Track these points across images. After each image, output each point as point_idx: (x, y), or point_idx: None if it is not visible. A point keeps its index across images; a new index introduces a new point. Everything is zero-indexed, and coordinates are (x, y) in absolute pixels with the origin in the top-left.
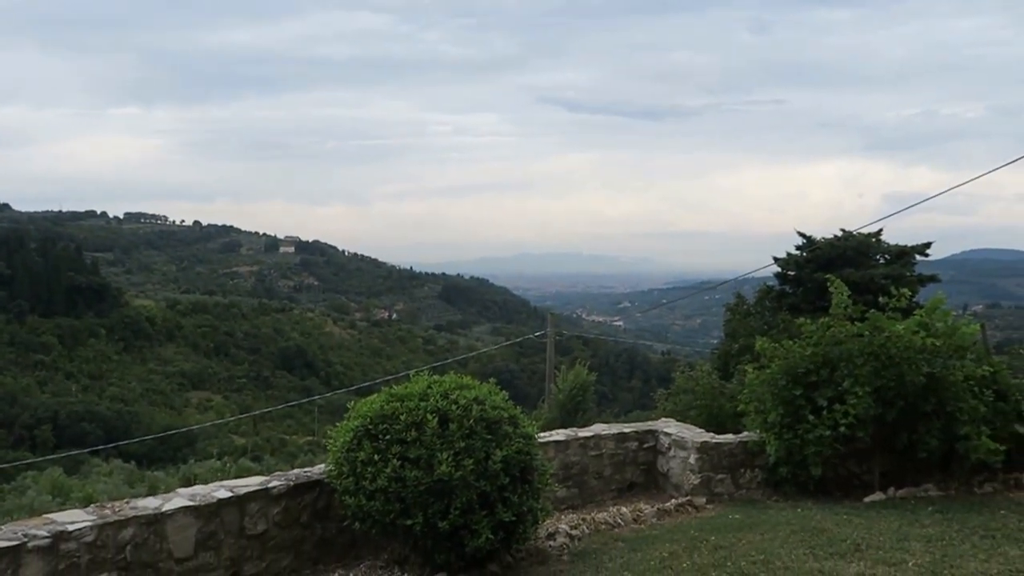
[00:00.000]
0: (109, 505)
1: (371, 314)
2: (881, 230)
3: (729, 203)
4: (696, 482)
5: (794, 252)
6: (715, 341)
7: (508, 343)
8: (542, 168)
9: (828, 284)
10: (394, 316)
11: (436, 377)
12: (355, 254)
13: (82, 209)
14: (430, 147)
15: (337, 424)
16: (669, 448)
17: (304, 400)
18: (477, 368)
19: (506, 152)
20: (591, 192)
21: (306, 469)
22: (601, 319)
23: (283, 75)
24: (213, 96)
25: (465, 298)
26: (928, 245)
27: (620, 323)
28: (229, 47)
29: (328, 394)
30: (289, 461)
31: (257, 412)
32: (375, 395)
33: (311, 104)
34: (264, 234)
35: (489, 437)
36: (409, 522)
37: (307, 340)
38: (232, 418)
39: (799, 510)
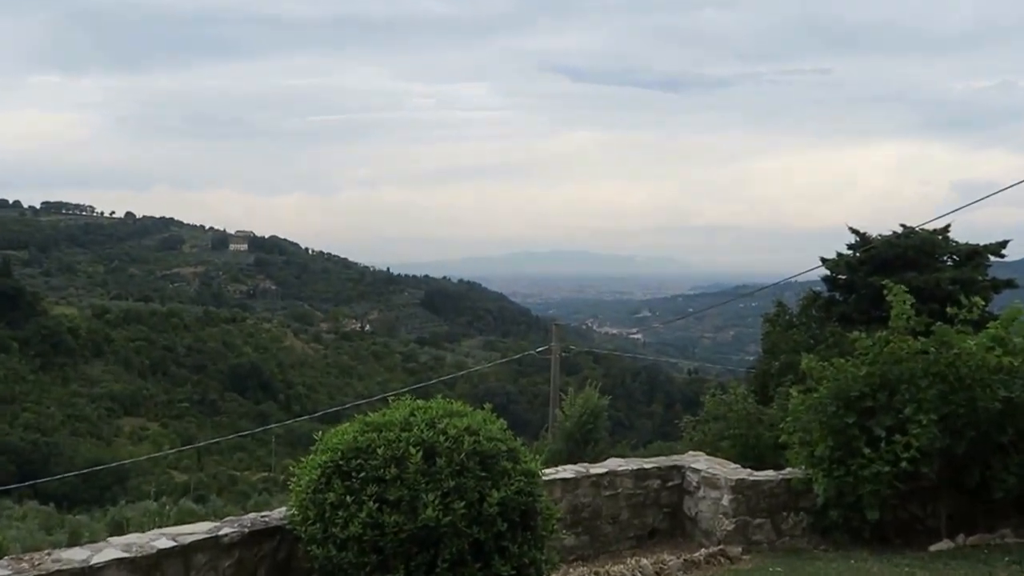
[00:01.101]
0: (26, 557)
1: (340, 325)
2: (948, 226)
3: (766, 192)
4: (730, 528)
5: (845, 252)
6: (751, 358)
7: (505, 360)
8: (543, 150)
9: (885, 291)
10: (368, 327)
11: (420, 402)
12: (321, 252)
13: None
14: (410, 124)
15: (301, 459)
16: (698, 487)
17: (259, 429)
18: (468, 390)
19: (501, 130)
20: (602, 179)
21: (263, 513)
22: (615, 331)
23: (236, 37)
24: (152, 62)
25: (453, 306)
26: (1004, 244)
27: (638, 336)
28: (172, 3)
29: (288, 422)
30: (241, 503)
31: (202, 443)
32: (346, 424)
33: (269, 72)
34: (211, 228)
35: (484, 475)
36: None
37: (263, 356)
38: (172, 450)
39: (852, 562)
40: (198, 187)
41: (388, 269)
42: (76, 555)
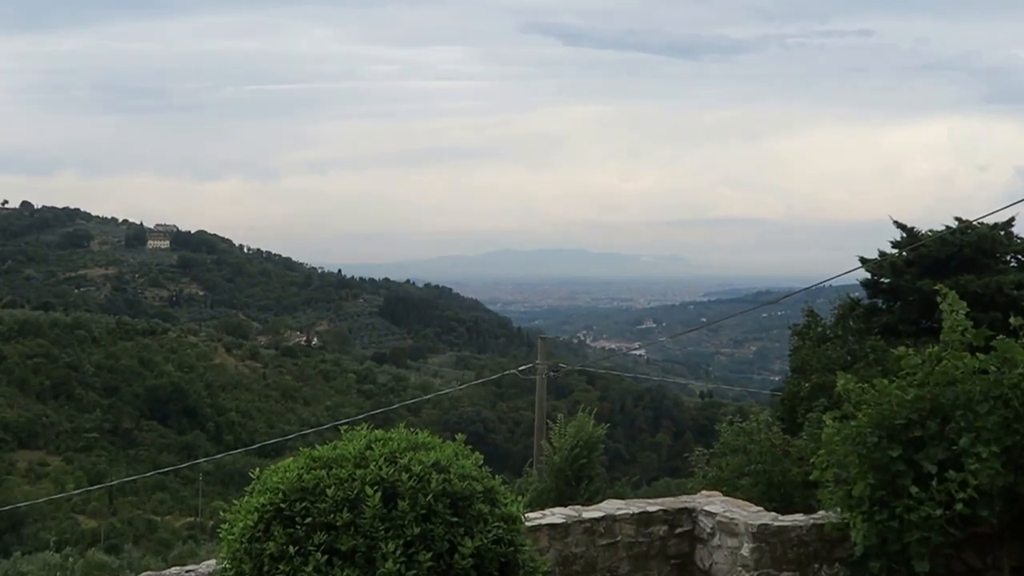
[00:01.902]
0: None
1: (282, 338)
2: (1013, 219)
3: (794, 178)
4: None
5: (889, 251)
6: (777, 378)
7: (481, 381)
8: (529, 128)
9: (937, 297)
10: (315, 341)
11: (378, 432)
12: (259, 251)
13: None
14: (367, 96)
15: (234, 501)
16: (713, 534)
17: (184, 465)
18: (436, 417)
19: (478, 104)
20: (599, 163)
21: (188, 567)
22: (614, 346)
23: None
24: (56, 21)
25: (418, 315)
26: None
27: (641, 352)
28: None
29: (219, 456)
30: (162, 553)
31: (114, 482)
32: (289, 459)
33: (199, 33)
34: (126, 222)
35: (455, 520)
36: None
37: (188, 376)
38: (77, 491)
39: None
40: (110, 172)
41: (340, 271)
42: None
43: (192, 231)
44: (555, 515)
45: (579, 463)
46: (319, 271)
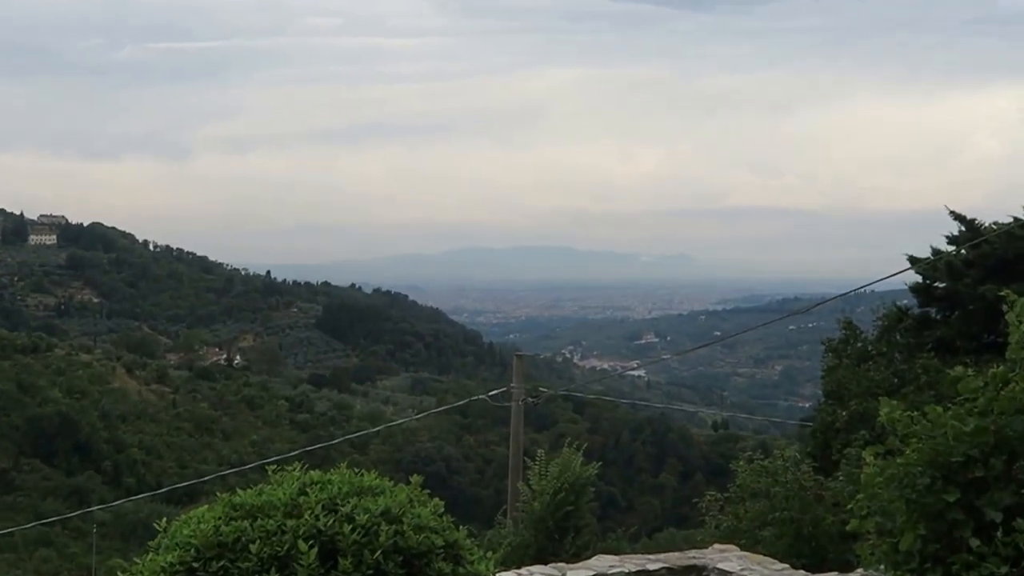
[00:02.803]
0: None
1: (196, 356)
2: None
3: (829, 159)
4: None
5: (944, 248)
6: (807, 405)
7: (443, 409)
8: (502, 96)
9: (1004, 305)
10: (238, 360)
11: (315, 474)
12: (168, 248)
13: None
14: (302, 56)
15: (136, 559)
16: None
17: (74, 513)
18: (388, 454)
19: (438, 67)
20: (589, 140)
21: None
22: (607, 365)
23: None
24: None
25: (365, 328)
26: None
27: (641, 373)
28: None
29: (118, 503)
30: None
31: None
32: (205, 507)
33: None
34: (2, 211)
35: None
36: None
37: (79, 404)
38: None
39: None
40: None
41: (269, 273)
42: None
43: (84, 223)
44: (534, 575)
45: (564, 510)
46: (243, 273)
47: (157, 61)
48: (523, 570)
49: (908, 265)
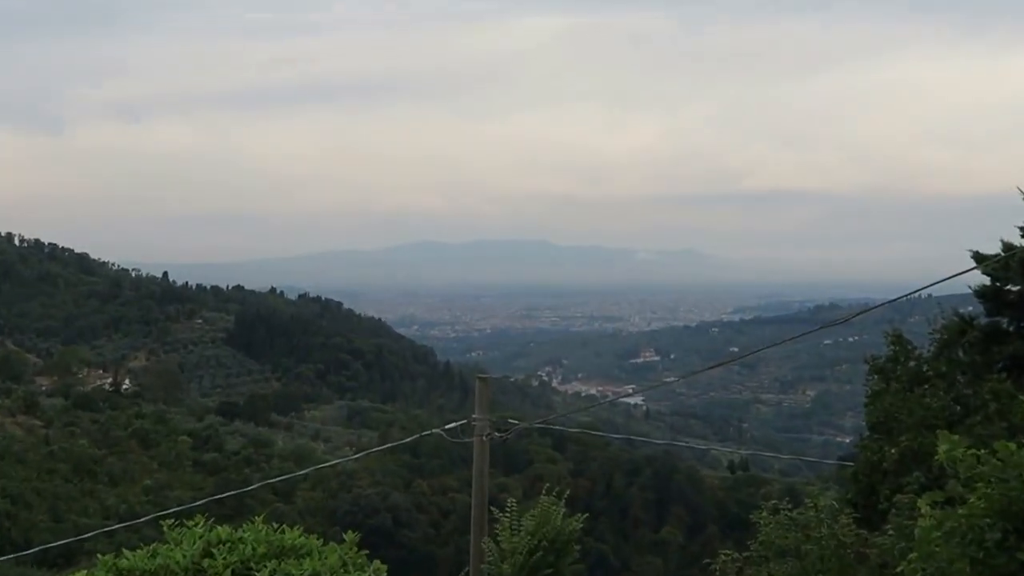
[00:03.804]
0: None
1: (75, 380)
2: None
3: (874, 131)
4: None
5: (1018, 242)
6: (847, 440)
7: (388, 447)
8: (464, 50)
9: None
10: (127, 385)
11: (223, 530)
12: (37, 243)
13: None
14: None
15: None
16: None
17: None
18: (318, 503)
19: (383, 13)
20: (572, 105)
21: None
22: (595, 390)
23: None
24: None
25: (289, 343)
26: None
27: (638, 400)
28: None
29: None
30: None
31: None
32: (84, 572)
33: None
34: None
35: None
36: None
37: None
38: None
39: None
40: None
41: (167, 275)
42: None
43: None
44: None
45: (542, 574)
46: (133, 275)
47: (21, 8)
48: None
49: (973, 264)
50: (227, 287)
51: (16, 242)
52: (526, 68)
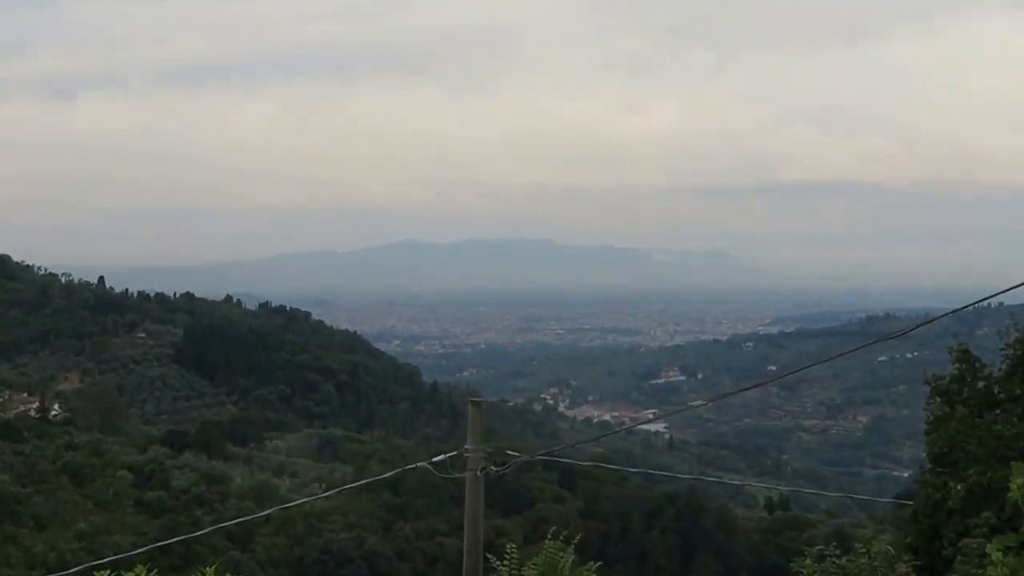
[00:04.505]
0: None
1: None
2: None
3: (932, 110)
4: None
5: None
6: (905, 475)
7: (364, 482)
8: (454, 16)
9: None
10: (56, 411)
11: None
12: None
13: None
14: None
15: None
16: None
17: None
18: (283, 550)
19: None
20: (582, 82)
21: None
22: (609, 415)
23: None
24: None
25: (248, 361)
26: None
27: (660, 427)
28: None
29: None
30: None
31: None
32: None
33: None
34: None
35: None
36: None
37: None
38: None
39: None
40: None
41: (103, 280)
42: None
43: None
44: None
45: None
46: (63, 280)
47: None
48: None
49: None
50: (175, 295)
51: None
52: (526, 35)
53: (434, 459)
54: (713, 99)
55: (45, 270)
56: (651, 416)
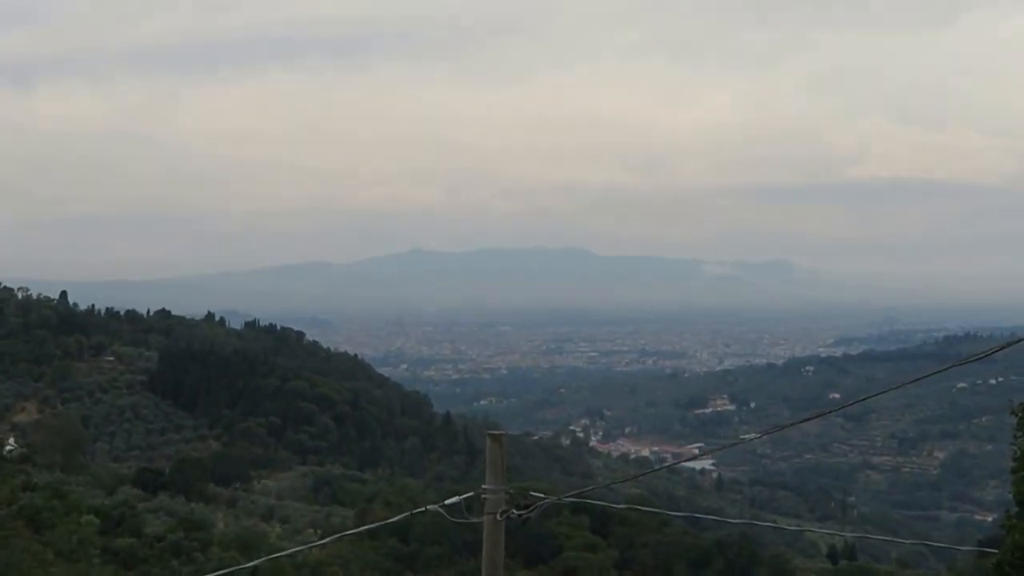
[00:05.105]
0: None
1: None
2: None
3: None
4: None
5: None
6: (988, 519)
7: (367, 527)
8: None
9: None
10: (11, 445)
11: None
12: None
13: None
14: None
15: None
16: None
17: None
18: None
19: None
20: (620, 67)
21: None
22: (648, 450)
23: None
24: None
25: (232, 389)
26: None
27: (707, 465)
28: None
29: None
30: None
31: None
32: None
33: None
34: None
35: None
36: None
37: None
38: None
39: None
40: None
41: (66, 296)
42: None
43: None
44: None
45: None
46: (19, 295)
47: None
48: None
49: None
50: (148, 312)
51: None
52: (555, 13)
53: (447, 501)
54: (772, 87)
55: (0, 284)
56: (697, 451)
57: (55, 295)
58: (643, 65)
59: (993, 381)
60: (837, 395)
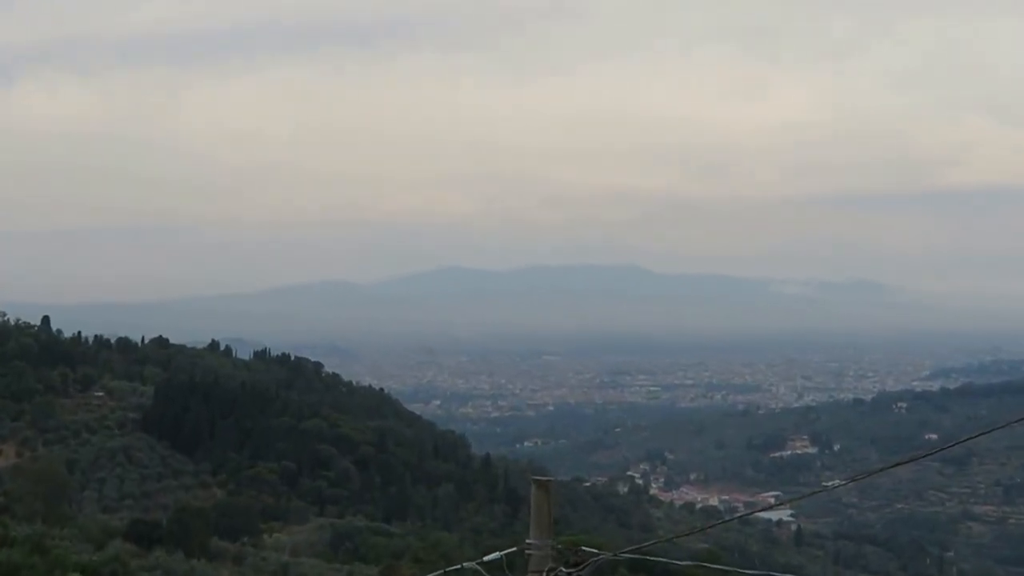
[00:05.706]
0: None
1: None
2: None
3: None
4: None
5: None
6: None
7: None
8: None
9: None
10: None
11: None
12: None
13: None
14: None
15: None
16: None
17: None
18: None
19: None
20: (676, 58)
21: None
22: (717, 499)
23: None
24: None
25: (239, 428)
26: None
27: (785, 516)
28: None
29: None
30: None
31: None
32: None
33: None
34: None
35: None
36: None
37: None
38: None
39: None
40: None
41: (48, 321)
42: None
43: None
44: None
45: None
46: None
47: None
48: None
49: None
50: (143, 340)
51: None
52: (604, 5)
53: (486, 558)
54: (855, 81)
55: None
56: (773, 500)
57: (36, 320)
58: (705, 54)
59: None
60: (934, 436)
